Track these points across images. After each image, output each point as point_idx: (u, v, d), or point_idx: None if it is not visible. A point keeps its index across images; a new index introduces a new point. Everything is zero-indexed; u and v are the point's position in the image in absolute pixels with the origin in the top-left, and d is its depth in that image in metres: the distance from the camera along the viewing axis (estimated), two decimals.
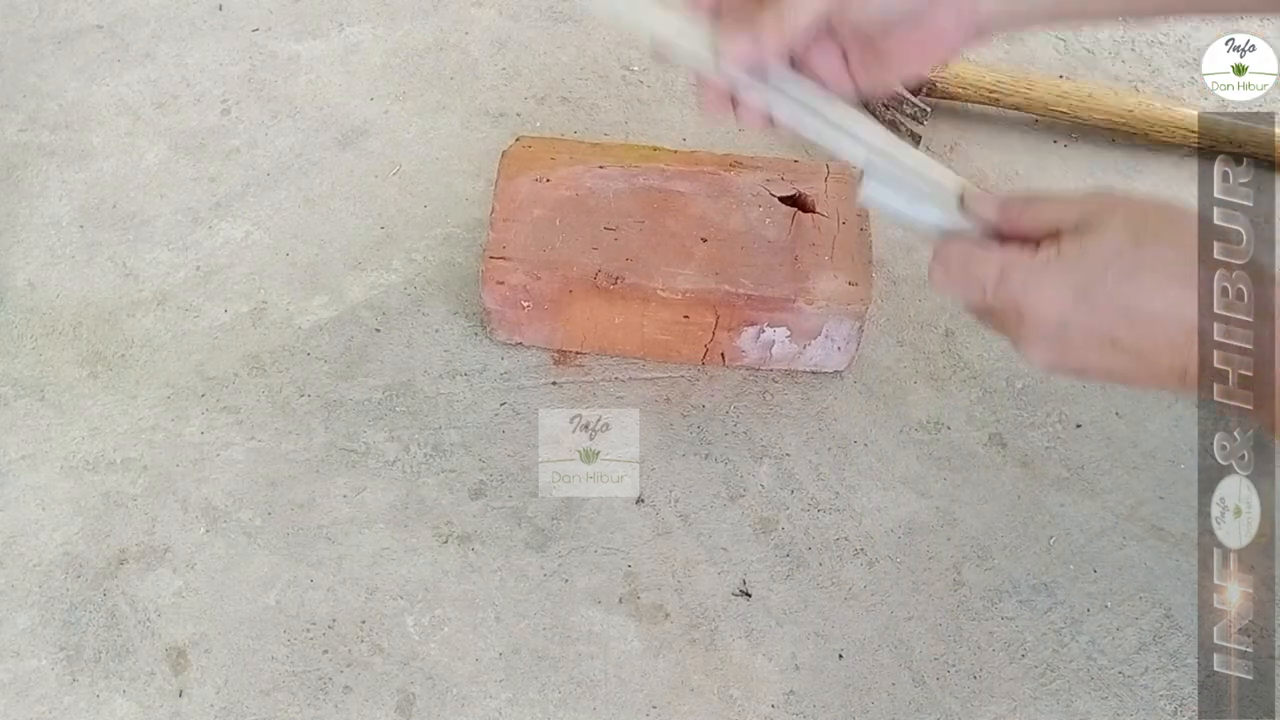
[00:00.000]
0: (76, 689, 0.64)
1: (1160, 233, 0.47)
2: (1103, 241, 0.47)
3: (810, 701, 0.65)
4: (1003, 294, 0.49)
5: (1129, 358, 0.48)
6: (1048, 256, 0.48)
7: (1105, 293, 0.47)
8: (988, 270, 0.50)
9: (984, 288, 0.50)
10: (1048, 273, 0.48)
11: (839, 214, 0.76)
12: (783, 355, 0.76)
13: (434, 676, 0.65)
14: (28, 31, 0.95)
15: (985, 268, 0.50)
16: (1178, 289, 0.47)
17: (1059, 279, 0.48)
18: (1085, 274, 0.47)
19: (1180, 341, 0.46)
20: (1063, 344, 0.49)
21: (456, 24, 0.99)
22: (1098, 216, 0.48)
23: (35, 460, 0.71)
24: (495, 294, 0.73)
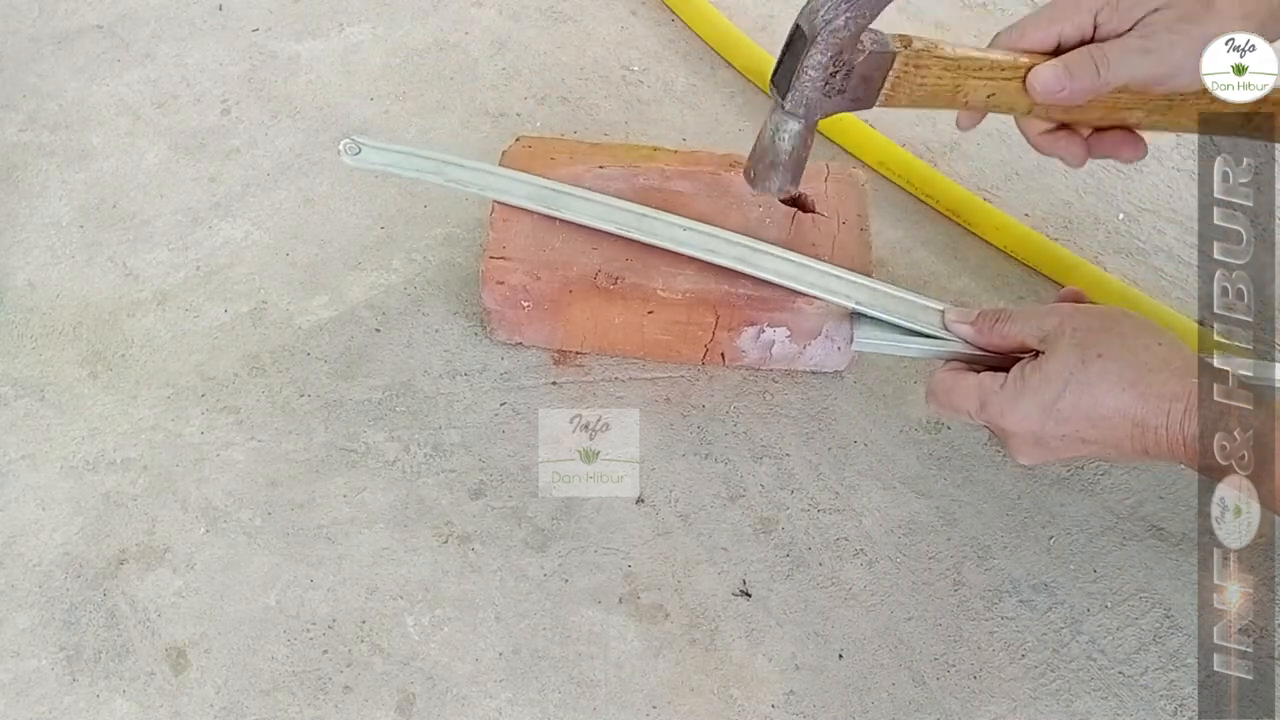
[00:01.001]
0: (76, 689, 0.64)
1: (1104, 348, 0.57)
2: (1058, 365, 0.58)
3: (810, 701, 0.65)
4: (985, 419, 0.60)
5: (1099, 446, 0.58)
6: (1016, 388, 0.59)
7: (1067, 405, 0.57)
8: (969, 400, 0.61)
9: (969, 413, 0.61)
10: (1017, 400, 0.58)
11: (839, 214, 0.76)
12: (783, 355, 0.76)
13: (434, 676, 0.65)
14: (28, 31, 0.95)
15: (966, 400, 0.61)
16: (1121, 394, 0.56)
17: (1027, 402, 0.58)
18: (1047, 394, 0.58)
19: (1132, 432, 0.56)
20: (1043, 448, 0.59)
21: (456, 24, 0.99)
22: (1053, 335, 0.59)
23: (35, 460, 0.71)
24: (495, 294, 0.73)
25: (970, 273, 0.84)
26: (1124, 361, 0.57)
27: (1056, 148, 0.65)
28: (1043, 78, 0.60)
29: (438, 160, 0.74)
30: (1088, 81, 0.59)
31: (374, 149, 0.74)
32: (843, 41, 0.58)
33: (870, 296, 0.68)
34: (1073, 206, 0.89)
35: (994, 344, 0.64)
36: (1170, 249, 0.87)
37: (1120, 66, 0.59)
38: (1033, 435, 0.59)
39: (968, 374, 0.62)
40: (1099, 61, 0.59)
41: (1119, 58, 0.59)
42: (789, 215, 0.75)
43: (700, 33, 0.99)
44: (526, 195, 0.74)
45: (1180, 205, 0.89)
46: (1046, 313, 0.61)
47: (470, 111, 0.92)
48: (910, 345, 0.67)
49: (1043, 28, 0.60)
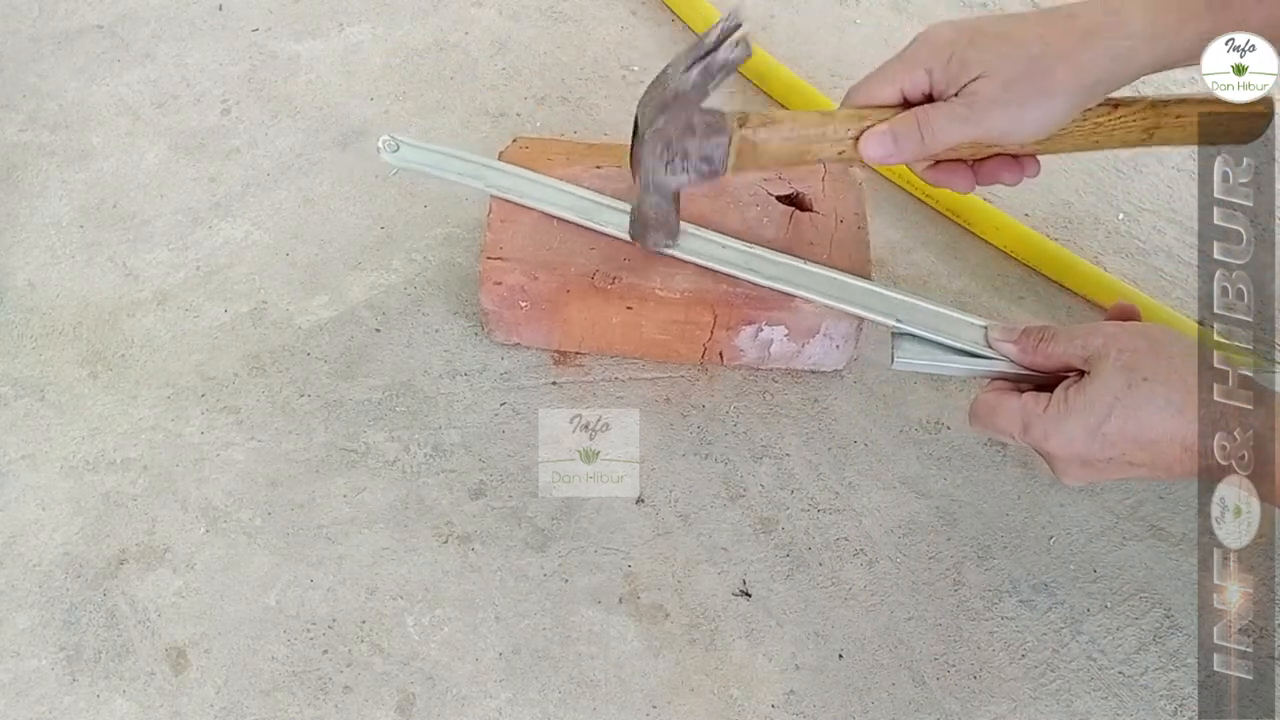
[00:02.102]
0: (76, 689, 0.64)
1: (1150, 371, 0.56)
2: (1102, 388, 0.57)
3: (810, 701, 0.65)
4: (1029, 441, 0.59)
5: (1147, 469, 0.57)
6: (1060, 411, 0.58)
7: (1113, 429, 0.56)
8: (1012, 423, 0.60)
9: (1012, 434, 0.60)
10: (1061, 423, 0.58)
11: (836, 212, 0.76)
12: (781, 354, 0.76)
13: (434, 676, 0.65)
14: (28, 31, 0.95)
15: (1009, 422, 0.60)
16: (1170, 419, 0.55)
17: (1071, 425, 0.57)
18: (1093, 418, 0.57)
19: (1183, 455, 0.56)
20: (1088, 469, 0.59)
21: (456, 24, 0.99)
22: (1097, 356, 0.58)
23: (35, 460, 0.71)
24: (493, 294, 0.73)
25: (970, 273, 0.84)
26: (1171, 385, 0.56)
27: (942, 179, 0.65)
28: (870, 146, 0.61)
29: (477, 163, 0.74)
30: (912, 147, 0.60)
31: (412, 147, 0.74)
32: (669, 135, 0.63)
33: (911, 313, 0.67)
34: (1073, 206, 0.89)
35: (1038, 363, 0.62)
36: (1170, 249, 0.87)
37: (943, 132, 0.59)
38: (1078, 458, 0.58)
39: (1011, 395, 0.61)
40: (923, 127, 0.60)
41: (942, 124, 0.59)
42: (786, 214, 0.75)
43: (700, 33, 0.99)
44: (569, 205, 0.74)
45: (1180, 205, 0.89)
46: (1091, 332, 0.60)
47: (470, 111, 0.92)
48: (952, 364, 0.65)
49: (886, 84, 0.61)
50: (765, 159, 0.64)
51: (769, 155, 0.64)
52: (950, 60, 0.59)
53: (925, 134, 0.60)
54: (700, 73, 0.61)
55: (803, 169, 0.78)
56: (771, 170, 0.68)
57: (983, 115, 0.58)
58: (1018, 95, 0.58)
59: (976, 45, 0.58)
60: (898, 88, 0.61)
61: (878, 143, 0.61)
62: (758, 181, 0.77)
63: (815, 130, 0.62)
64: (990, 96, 0.58)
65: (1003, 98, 0.58)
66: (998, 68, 0.58)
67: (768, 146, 0.63)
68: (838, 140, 0.62)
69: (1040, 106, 0.58)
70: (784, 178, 0.77)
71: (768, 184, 0.77)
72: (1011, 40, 0.58)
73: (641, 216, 0.69)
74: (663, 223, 0.69)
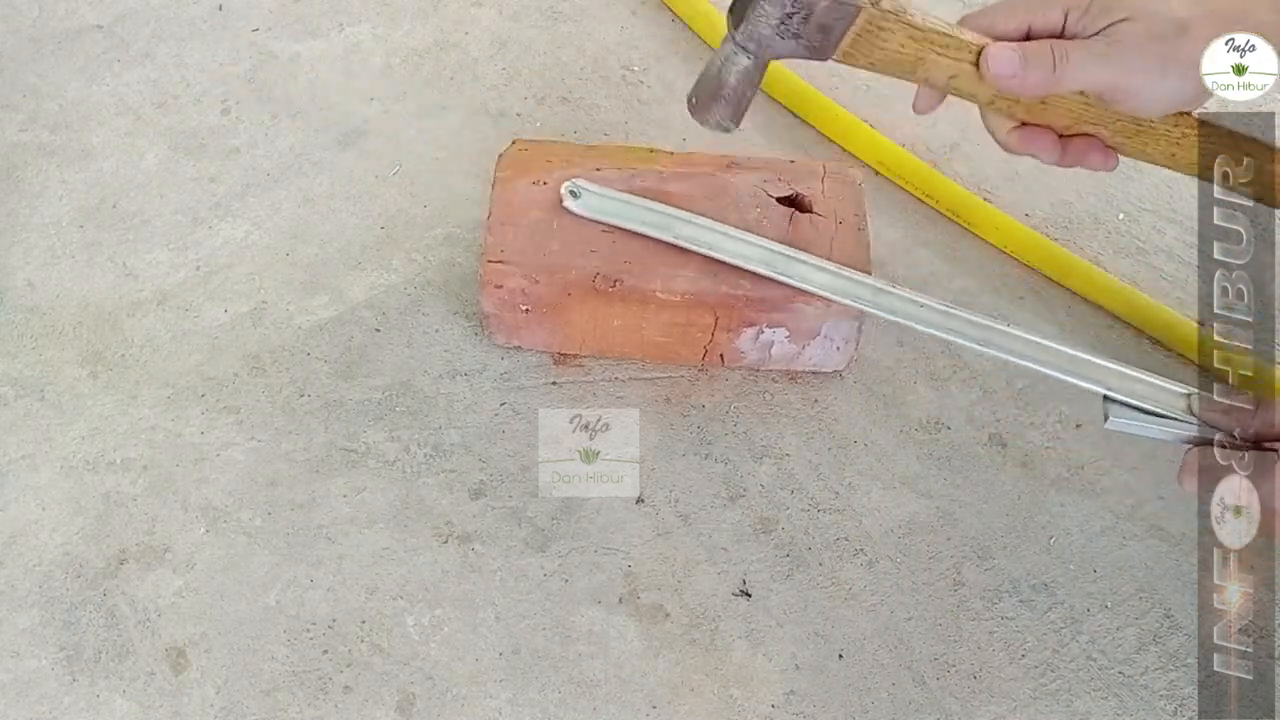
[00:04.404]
0: (76, 689, 0.64)
1: None
2: None
3: (810, 701, 0.65)
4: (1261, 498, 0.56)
5: None
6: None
7: None
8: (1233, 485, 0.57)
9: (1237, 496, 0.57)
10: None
11: (836, 214, 0.76)
12: (782, 355, 0.76)
13: (434, 676, 0.65)
14: (28, 31, 0.95)
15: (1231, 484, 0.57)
16: None
17: None
18: None
19: None
20: None
21: (456, 24, 0.99)
22: None
23: (35, 460, 0.71)
24: (494, 298, 0.73)
25: (970, 273, 0.84)
26: None
27: (1030, 145, 0.62)
28: (997, 58, 0.57)
29: (662, 214, 0.73)
30: (1041, 74, 0.57)
31: (594, 195, 0.74)
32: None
33: (1120, 381, 0.65)
34: (1073, 206, 0.89)
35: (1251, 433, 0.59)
36: (1170, 249, 0.87)
37: (1078, 68, 0.56)
38: None
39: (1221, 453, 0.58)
40: (1058, 57, 0.56)
41: (1078, 59, 0.56)
42: (786, 215, 0.75)
43: (700, 33, 0.99)
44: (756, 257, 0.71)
45: (1180, 205, 0.89)
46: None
47: (470, 111, 0.92)
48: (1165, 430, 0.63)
49: (1012, 16, 0.58)
50: (878, 54, 0.59)
51: (884, 52, 0.58)
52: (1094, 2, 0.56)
53: (1059, 65, 0.56)
54: None
55: (800, 169, 0.78)
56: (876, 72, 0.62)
57: (1123, 60, 0.55)
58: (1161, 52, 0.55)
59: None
60: (1025, 21, 0.58)
61: (1006, 60, 0.57)
62: (757, 182, 0.77)
63: (940, 37, 0.58)
64: (1135, 43, 0.55)
65: (1148, 48, 0.55)
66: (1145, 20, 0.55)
67: (890, 40, 0.58)
68: (958, 58, 0.58)
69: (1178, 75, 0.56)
70: (784, 179, 0.77)
71: (767, 185, 0.77)
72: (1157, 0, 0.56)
73: (718, 79, 0.60)
74: (737, 95, 0.60)
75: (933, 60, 0.59)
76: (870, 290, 0.69)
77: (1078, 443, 0.76)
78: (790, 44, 0.57)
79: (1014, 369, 0.78)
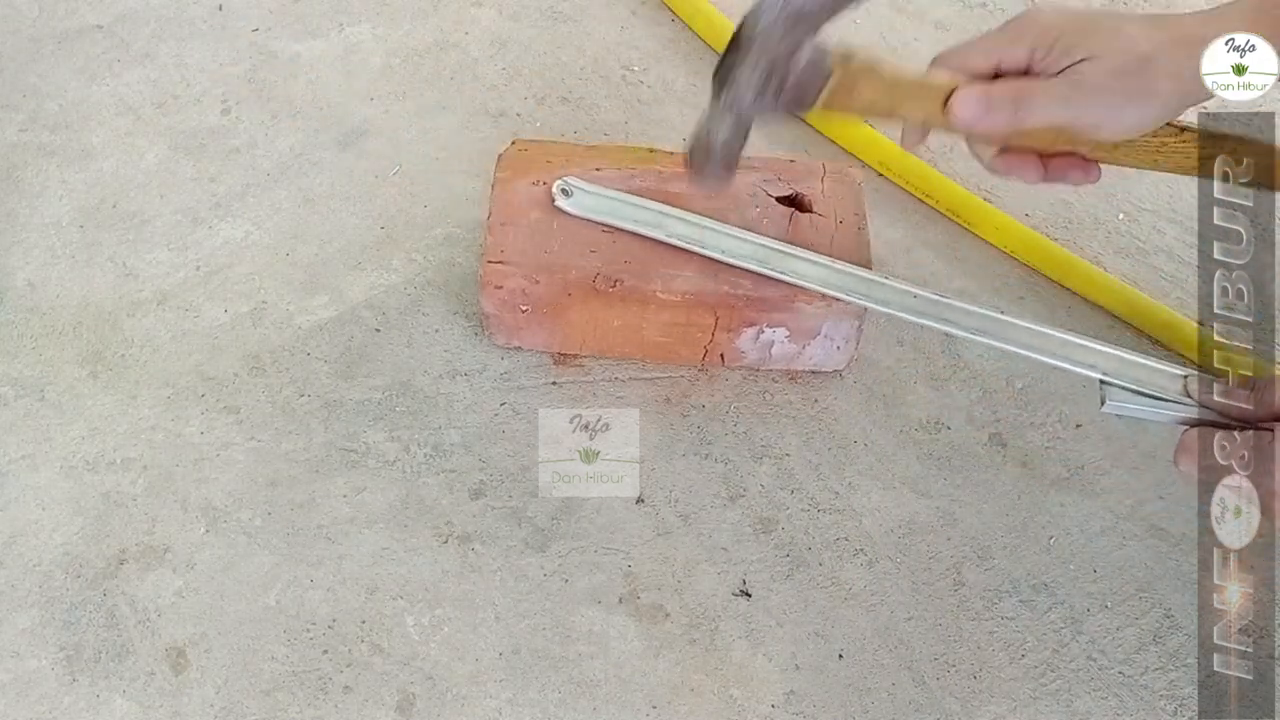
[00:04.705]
0: (76, 689, 0.64)
1: None
2: None
3: (810, 701, 0.65)
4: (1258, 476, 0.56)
5: None
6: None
7: None
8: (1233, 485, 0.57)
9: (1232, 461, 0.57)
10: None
11: (836, 213, 0.76)
12: (782, 355, 0.76)
13: (434, 676, 0.65)
14: (28, 31, 0.95)
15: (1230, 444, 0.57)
16: None
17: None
18: None
19: None
20: None
21: (456, 24, 0.99)
22: None
23: (35, 460, 0.71)
24: (494, 298, 0.73)
25: (970, 273, 0.84)
26: None
27: (1013, 169, 0.64)
28: (962, 104, 0.59)
29: (655, 211, 0.73)
30: (1004, 117, 0.58)
31: (587, 193, 0.74)
32: (779, 52, 0.59)
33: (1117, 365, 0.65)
34: (1073, 206, 0.89)
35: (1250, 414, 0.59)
36: (1170, 249, 0.87)
37: (1040, 109, 0.58)
38: None
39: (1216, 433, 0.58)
40: (1019, 103, 0.58)
41: (1040, 101, 0.58)
42: (786, 215, 0.75)
43: (700, 33, 0.99)
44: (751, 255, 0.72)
45: (1180, 205, 0.89)
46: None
47: (470, 111, 0.92)
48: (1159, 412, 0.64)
49: (982, 55, 0.60)
50: (855, 105, 0.62)
51: (860, 102, 0.61)
52: (1057, 42, 0.57)
53: (1021, 106, 0.58)
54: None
55: (800, 169, 0.78)
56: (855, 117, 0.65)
57: (1084, 99, 0.57)
58: (1122, 88, 0.57)
59: (1087, 33, 0.57)
60: (994, 61, 0.59)
61: (972, 104, 0.59)
62: (757, 182, 0.77)
63: (910, 85, 0.61)
64: (1095, 82, 0.57)
65: (1108, 86, 0.57)
66: (1107, 57, 0.56)
67: (863, 93, 0.61)
68: (930, 100, 0.60)
69: (1140, 105, 0.57)
70: (783, 178, 0.77)
71: (767, 185, 0.77)
72: (1123, 35, 0.57)
73: (708, 141, 0.64)
74: (728, 152, 0.64)
75: (906, 106, 0.61)
76: (863, 283, 0.70)
77: (1078, 443, 0.76)
78: (769, 104, 0.61)
79: (1014, 368, 0.79)
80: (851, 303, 0.70)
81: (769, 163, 0.79)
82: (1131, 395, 0.64)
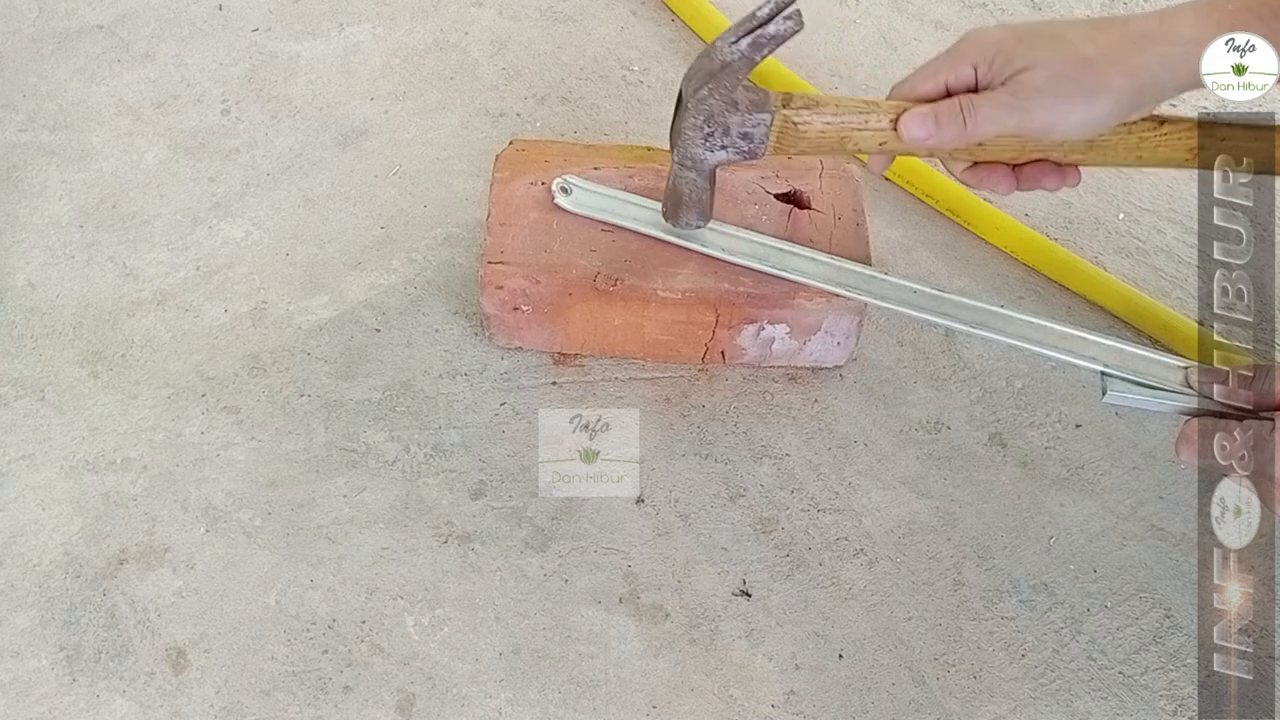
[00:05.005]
0: (76, 689, 0.64)
1: None
2: None
3: (810, 701, 0.65)
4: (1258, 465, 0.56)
5: None
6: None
7: None
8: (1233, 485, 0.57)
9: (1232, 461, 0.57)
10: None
11: (834, 209, 0.76)
12: (783, 352, 0.76)
13: (434, 676, 0.65)
14: (28, 31, 0.95)
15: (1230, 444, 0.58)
16: None
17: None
18: None
19: None
20: None
21: (456, 24, 0.99)
22: None
23: (35, 460, 0.71)
24: (494, 299, 0.73)
25: (970, 273, 0.84)
26: None
27: (983, 181, 0.65)
28: (910, 124, 0.61)
29: (654, 210, 0.73)
30: (954, 130, 0.60)
31: (585, 191, 0.74)
32: (714, 106, 0.62)
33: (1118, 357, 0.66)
34: (1073, 206, 0.89)
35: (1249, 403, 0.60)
36: (1170, 249, 0.87)
37: (986, 120, 0.59)
38: None
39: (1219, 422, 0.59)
40: (966, 112, 0.59)
41: (986, 111, 0.59)
42: (785, 212, 0.75)
43: (700, 33, 0.99)
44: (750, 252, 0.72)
45: (1180, 205, 0.89)
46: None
47: (470, 111, 0.92)
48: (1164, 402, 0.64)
49: (930, 79, 0.61)
50: (805, 143, 0.63)
51: (809, 140, 0.63)
52: (998, 55, 0.59)
53: (968, 118, 0.59)
54: (749, 45, 0.61)
55: (798, 166, 0.78)
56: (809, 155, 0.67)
57: (1026, 104, 0.58)
58: (1064, 89, 0.57)
59: (1026, 43, 0.58)
60: (942, 82, 0.61)
61: (920, 122, 0.61)
62: (755, 179, 0.77)
63: (858, 117, 0.62)
64: (1035, 86, 0.58)
65: (1048, 89, 0.57)
66: (1046, 62, 0.58)
67: (809, 130, 0.63)
68: (880, 128, 0.62)
69: (1085, 104, 0.58)
70: (781, 175, 0.77)
71: (765, 182, 0.77)
72: (1063, 40, 0.58)
73: (675, 192, 0.68)
74: (696, 200, 0.68)
75: (858, 135, 0.63)
76: (864, 279, 0.70)
77: (1078, 443, 0.76)
78: (721, 154, 0.64)
79: (1014, 368, 0.79)
80: (852, 299, 0.70)
81: (767, 160, 0.79)
82: (1132, 386, 0.64)
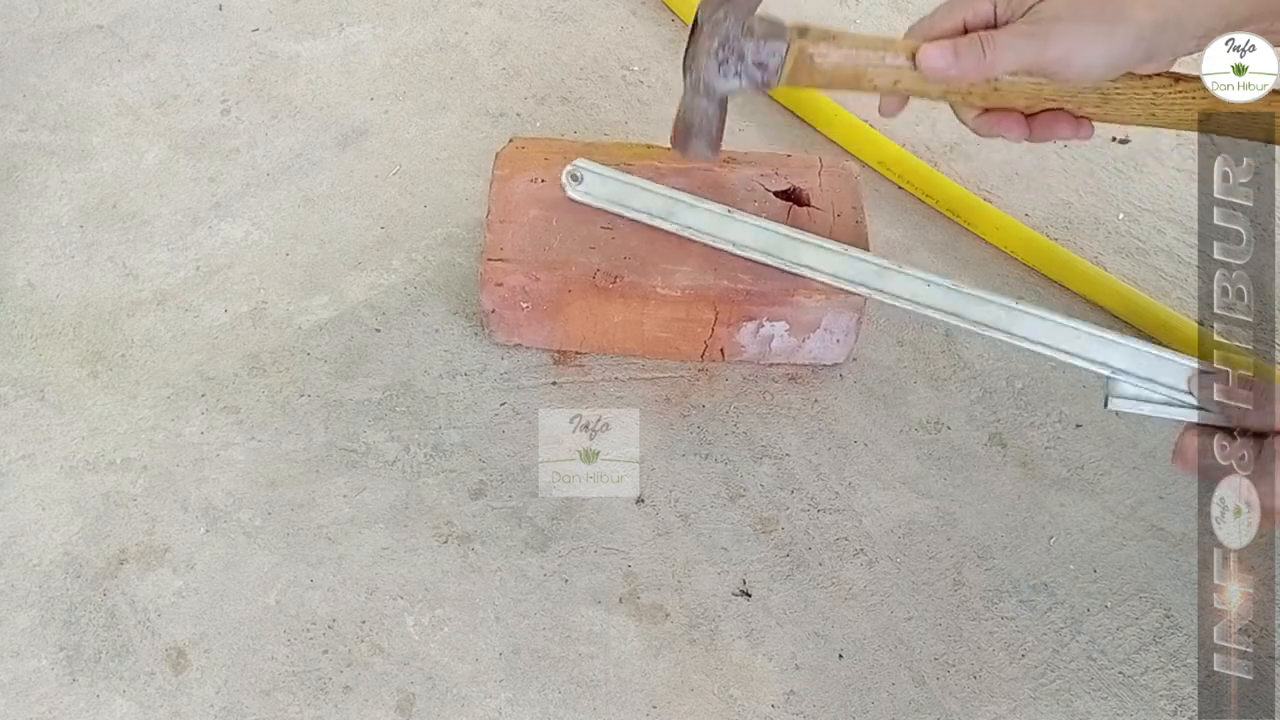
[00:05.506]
0: (76, 689, 0.64)
1: None
2: None
3: (810, 701, 0.65)
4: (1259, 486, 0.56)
5: None
6: None
7: None
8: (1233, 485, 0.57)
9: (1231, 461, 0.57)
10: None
11: (833, 207, 0.76)
12: (782, 349, 0.76)
13: (434, 676, 0.65)
14: (28, 31, 0.95)
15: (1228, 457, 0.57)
16: None
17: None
18: None
19: None
20: None
21: (456, 24, 0.99)
22: None
23: (35, 460, 0.71)
24: (494, 296, 0.73)
25: (970, 273, 0.84)
26: None
27: (995, 127, 0.64)
28: (929, 56, 0.60)
29: (665, 197, 0.73)
30: (973, 61, 0.59)
31: (597, 176, 0.74)
32: (729, 30, 0.62)
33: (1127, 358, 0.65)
34: (1073, 206, 0.89)
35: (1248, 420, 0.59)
36: (1170, 249, 0.87)
37: (1005, 50, 0.58)
38: None
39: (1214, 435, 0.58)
40: (985, 44, 0.59)
41: (1005, 42, 0.58)
42: (784, 209, 0.75)
43: None
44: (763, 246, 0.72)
45: (1180, 205, 0.89)
46: None
47: (470, 111, 0.92)
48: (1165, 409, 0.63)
49: (948, 16, 0.61)
50: (820, 76, 0.63)
51: (824, 73, 0.63)
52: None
53: (987, 50, 0.58)
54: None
55: (797, 164, 0.78)
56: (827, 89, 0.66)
57: (1046, 35, 0.57)
58: (1085, 14, 0.57)
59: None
60: (960, 19, 0.60)
61: (939, 54, 0.60)
62: (754, 177, 0.77)
63: (875, 53, 0.62)
64: (1055, 15, 0.57)
65: (1067, 17, 0.57)
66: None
67: (825, 62, 0.62)
68: (896, 65, 0.61)
69: (1105, 35, 0.57)
70: (781, 173, 0.77)
71: (764, 180, 0.77)
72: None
73: (685, 120, 0.67)
74: (705, 130, 0.67)
75: (873, 71, 0.62)
76: (874, 270, 0.70)
77: (1078, 443, 0.76)
78: (735, 82, 0.64)
79: (1014, 368, 0.79)
80: (870, 295, 0.69)
81: (766, 158, 0.79)
82: (1135, 393, 0.64)
